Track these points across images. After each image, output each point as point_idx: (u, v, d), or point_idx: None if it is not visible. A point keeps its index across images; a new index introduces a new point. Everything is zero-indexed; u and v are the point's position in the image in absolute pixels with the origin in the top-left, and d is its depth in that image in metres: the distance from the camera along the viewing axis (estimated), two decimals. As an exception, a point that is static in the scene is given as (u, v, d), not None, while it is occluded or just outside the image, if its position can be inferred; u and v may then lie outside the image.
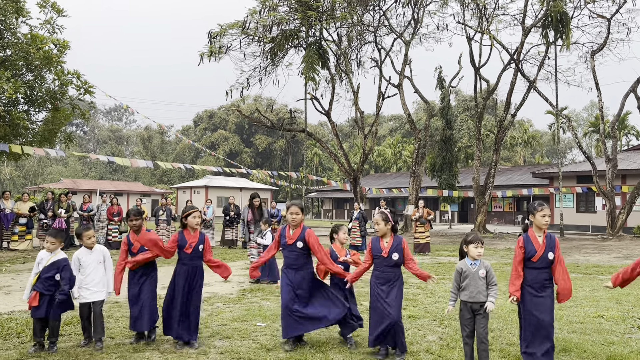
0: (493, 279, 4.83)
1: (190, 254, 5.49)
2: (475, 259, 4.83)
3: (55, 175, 63.37)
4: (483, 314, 4.73)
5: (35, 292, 5.20)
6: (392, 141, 64.74)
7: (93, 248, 5.52)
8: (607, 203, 24.11)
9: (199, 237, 5.55)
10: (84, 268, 5.42)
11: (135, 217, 5.70)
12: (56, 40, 16.97)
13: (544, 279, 4.69)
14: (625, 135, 50.48)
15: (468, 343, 4.80)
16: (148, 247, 5.52)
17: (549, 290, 4.70)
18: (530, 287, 4.69)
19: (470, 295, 4.74)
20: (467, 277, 4.78)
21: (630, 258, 15.30)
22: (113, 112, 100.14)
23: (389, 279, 5.17)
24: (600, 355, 5.31)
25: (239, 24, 25.05)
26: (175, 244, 5.52)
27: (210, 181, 49.25)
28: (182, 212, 5.61)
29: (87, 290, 5.40)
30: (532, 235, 4.76)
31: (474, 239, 4.88)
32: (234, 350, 5.38)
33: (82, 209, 16.82)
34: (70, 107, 18.10)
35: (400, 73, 27.38)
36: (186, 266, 5.51)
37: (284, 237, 5.61)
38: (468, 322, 4.77)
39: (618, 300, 8.23)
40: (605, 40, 24.80)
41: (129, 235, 5.75)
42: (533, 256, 4.67)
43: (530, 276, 4.70)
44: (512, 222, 40.39)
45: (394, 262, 5.16)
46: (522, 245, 4.72)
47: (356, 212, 16.66)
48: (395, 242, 5.21)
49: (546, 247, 4.68)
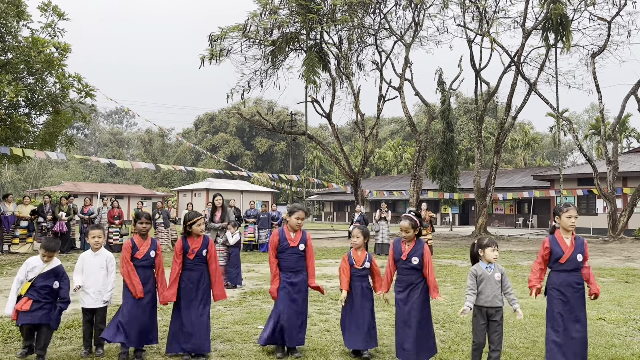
0: (508, 282, 4.78)
1: (193, 259, 5.34)
2: (490, 262, 4.77)
3: (56, 178, 63.42)
4: (499, 320, 4.64)
5: (27, 299, 4.93)
6: (393, 144, 64.75)
7: (97, 251, 5.42)
8: (608, 205, 24.09)
9: (202, 241, 5.41)
10: (86, 270, 5.33)
11: (146, 221, 5.52)
12: (57, 44, 17.02)
13: (575, 282, 4.59)
14: (626, 137, 50.44)
15: (478, 348, 4.69)
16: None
17: (581, 293, 4.61)
18: (558, 290, 4.59)
19: (486, 300, 4.65)
20: (482, 281, 4.70)
21: (631, 260, 15.28)
22: (114, 115, 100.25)
23: (410, 282, 4.99)
24: (602, 358, 5.29)
25: (239, 27, 25.10)
26: (180, 252, 5.34)
27: (211, 184, 49.24)
28: (186, 219, 5.43)
29: (87, 296, 5.28)
30: (559, 236, 4.69)
31: (490, 242, 4.80)
32: (235, 353, 5.37)
33: (83, 212, 16.85)
34: (71, 110, 18.15)
35: (401, 76, 27.39)
36: (190, 272, 5.33)
37: (285, 239, 5.46)
38: (482, 329, 4.67)
39: (620, 303, 8.21)
40: (605, 43, 24.82)
41: (133, 239, 5.48)
42: (560, 257, 4.59)
43: (558, 279, 4.61)
44: (513, 224, 40.35)
45: (412, 266, 4.99)
46: (548, 246, 4.65)
47: (357, 214, 16.67)
48: (416, 246, 5.05)
49: (575, 248, 4.60)
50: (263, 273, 11.97)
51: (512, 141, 55.38)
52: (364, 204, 27.17)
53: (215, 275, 5.46)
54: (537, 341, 5.89)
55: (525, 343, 5.85)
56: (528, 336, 6.16)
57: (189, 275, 5.32)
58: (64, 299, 5.09)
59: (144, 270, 5.37)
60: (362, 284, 5.36)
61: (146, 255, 5.39)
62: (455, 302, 8.27)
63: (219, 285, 5.48)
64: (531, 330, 6.39)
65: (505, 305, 4.77)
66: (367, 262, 5.39)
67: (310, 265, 5.54)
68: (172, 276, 5.31)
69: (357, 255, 5.42)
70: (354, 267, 5.37)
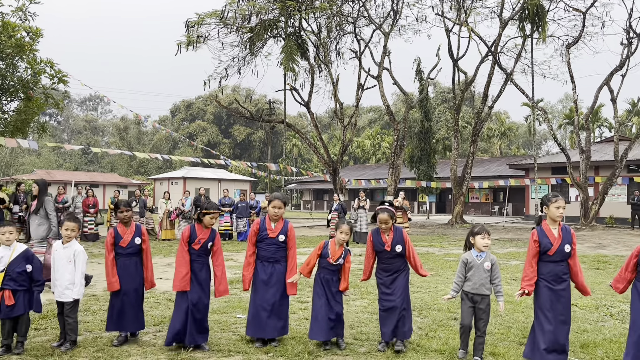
0: (497, 273, 4.83)
1: (198, 250, 5.21)
2: (482, 250, 4.83)
3: (29, 166, 61.99)
4: (484, 308, 4.73)
5: (7, 291, 4.84)
6: (371, 132, 64.89)
7: (68, 243, 5.22)
8: (581, 194, 24.62)
9: (209, 233, 5.28)
10: (55, 261, 5.17)
11: (125, 209, 5.44)
12: (28, 28, 16.56)
13: (562, 272, 4.60)
14: (598, 127, 51.48)
15: (465, 332, 4.79)
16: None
17: (566, 283, 4.62)
18: (545, 280, 4.59)
19: (473, 287, 4.75)
20: (471, 268, 4.78)
21: (602, 247, 15.67)
22: (88, 101, 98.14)
23: (394, 269, 5.15)
24: (574, 343, 5.43)
25: (217, 13, 24.74)
26: (187, 240, 5.19)
27: (188, 172, 48.72)
28: (203, 207, 5.27)
29: (56, 288, 5.14)
30: (547, 228, 4.66)
31: (481, 230, 4.86)
32: (214, 342, 5.35)
33: (56, 201, 16.43)
34: (44, 97, 17.71)
35: (380, 64, 27.41)
36: (193, 263, 5.20)
37: (265, 229, 5.40)
38: (469, 312, 4.77)
39: (591, 289, 8.41)
40: (580, 34, 25.19)
41: (116, 228, 5.42)
42: (549, 250, 4.58)
43: (546, 270, 4.60)
44: (489, 212, 40.98)
45: (397, 253, 5.13)
46: (537, 239, 4.62)
47: (335, 203, 16.70)
48: (396, 234, 5.16)
49: (562, 239, 4.60)
50: (241, 262, 11.90)
51: (489, 130, 56.03)
52: (342, 193, 27.24)
53: (219, 270, 5.33)
54: (511, 327, 6.02)
55: (500, 329, 5.97)
56: (503, 322, 6.29)
57: (192, 266, 5.19)
58: (37, 281, 5.02)
59: (130, 257, 5.33)
60: (332, 277, 5.30)
61: (130, 242, 5.35)
62: (432, 290, 8.38)
63: (223, 281, 5.33)
64: (506, 317, 6.52)
65: (492, 293, 4.85)
66: (341, 259, 5.28)
67: (290, 256, 5.43)
68: (183, 265, 5.12)
69: (334, 249, 5.30)
70: (327, 261, 5.25)
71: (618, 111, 25.39)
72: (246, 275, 5.43)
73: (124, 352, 5.03)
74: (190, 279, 5.14)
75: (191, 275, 5.15)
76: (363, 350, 5.16)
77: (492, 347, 5.19)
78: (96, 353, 4.98)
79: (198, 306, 5.13)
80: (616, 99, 24.52)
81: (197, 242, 5.20)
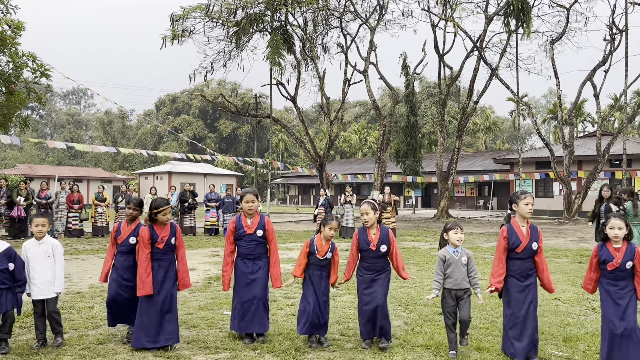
0: (473, 266, 4.91)
1: (163, 248, 5.11)
2: (456, 245, 4.89)
3: (10, 160, 61.08)
4: (466, 298, 4.81)
5: None
6: (358, 127, 64.96)
7: (42, 239, 5.10)
8: (564, 188, 24.95)
9: (169, 229, 5.17)
10: (30, 260, 5.04)
11: (135, 208, 5.43)
12: (10, 21, 16.29)
13: (529, 268, 4.75)
14: (581, 122, 52.08)
15: (453, 330, 4.83)
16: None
17: (533, 278, 4.78)
18: (514, 277, 4.73)
19: (455, 283, 4.80)
20: (450, 265, 4.83)
21: (585, 241, 15.91)
22: (71, 95, 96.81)
23: (377, 269, 5.14)
24: (557, 337, 5.52)
25: (202, 6, 24.55)
26: (148, 242, 5.07)
27: (173, 167, 48.40)
28: (153, 206, 5.15)
29: (34, 287, 5.03)
30: (516, 225, 4.76)
31: (453, 225, 4.94)
32: (201, 339, 5.35)
33: (39, 197, 16.15)
34: (26, 91, 17.46)
35: (366, 59, 27.43)
36: (159, 262, 5.10)
37: (241, 227, 5.33)
38: (452, 310, 4.82)
39: (574, 283, 8.55)
40: (564, 29, 25.45)
41: (121, 223, 5.46)
42: (517, 247, 4.69)
43: (514, 267, 4.74)
44: (474, 207, 41.34)
45: (382, 253, 5.13)
46: (506, 236, 4.72)
47: (322, 198, 16.73)
48: (382, 233, 5.16)
49: (530, 237, 4.71)
50: (228, 257, 11.89)
51: (474, 125, 56.42)
52: (329, 187, 27.28)
53: (182, 263, 5.29)
54: (496, 321, 6.09)
55: (485, 324, 6.04)
56: (488, 317, 6.36)
57: (159, 265, 5.11)
58: (19, 281, 4.95)
59: (122, 255, 5.34)
60: (321, 272, 5.29)
61: (125, 241, 5.34)
62: (418, 285, 8.45)
63: (185, 274, 5.30)
64: (490, 312, 6.60)
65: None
66: (329, 252, 5.28)
67: (272, 250, 5.41)
68: (144, 269, 5.00)
69: (320, 244, 5.28)
70: (316, 257, 5.24)
71: (601, 106, 25.73)
72: (225, 276, 5.43)
73: (110, 350, 5.00)
74: (158, 279, 5.07)
75: (160, 273, 5.08)
76: (350, 345, 5.19)
77: (477, 341, 5.25)
78: (82, 351, 4.94)
79: (170, 303, 5.13)
80: (599, 95, 24.87)
81: (161, 241, 5.11)
